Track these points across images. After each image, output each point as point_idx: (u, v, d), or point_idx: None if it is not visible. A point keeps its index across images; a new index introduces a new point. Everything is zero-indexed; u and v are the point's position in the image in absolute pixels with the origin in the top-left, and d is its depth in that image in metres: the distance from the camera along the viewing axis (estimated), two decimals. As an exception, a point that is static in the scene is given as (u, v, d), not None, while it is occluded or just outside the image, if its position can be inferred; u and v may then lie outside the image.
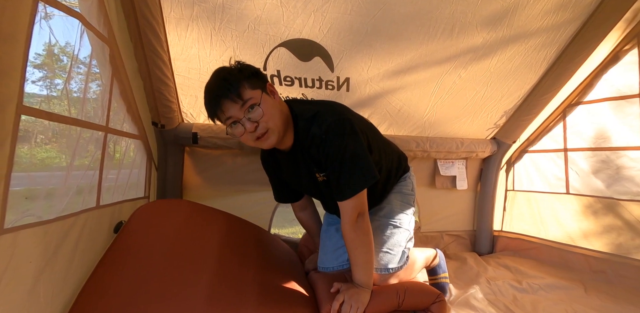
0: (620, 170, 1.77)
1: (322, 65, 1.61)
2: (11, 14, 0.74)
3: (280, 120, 1.10)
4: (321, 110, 1.13)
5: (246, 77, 1.06)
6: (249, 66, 1.12)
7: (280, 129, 1.10)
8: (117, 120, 1.30)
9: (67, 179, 1.03)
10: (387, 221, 1.35)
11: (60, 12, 0.95)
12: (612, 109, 1.82)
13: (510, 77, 1.84)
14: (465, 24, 1.53)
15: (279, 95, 1.16)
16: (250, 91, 1.05)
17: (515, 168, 2.35)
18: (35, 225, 0.88)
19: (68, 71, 1.06)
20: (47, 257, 0.92)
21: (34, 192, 0.93)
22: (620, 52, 1.80)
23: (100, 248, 1.21)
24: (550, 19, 1.58)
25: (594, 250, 1.86)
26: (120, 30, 1.26)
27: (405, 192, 1.43)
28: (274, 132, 1.09)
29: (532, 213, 2.20)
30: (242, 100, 1.04)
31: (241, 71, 1.08)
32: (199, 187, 1.92)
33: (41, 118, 0.91)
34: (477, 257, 2.20)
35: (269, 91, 1.11)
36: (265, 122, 1.06)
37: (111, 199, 1.28)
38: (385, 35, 1.53)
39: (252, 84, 1.06)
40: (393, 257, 1.29)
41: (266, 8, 1.35)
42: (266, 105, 1.06)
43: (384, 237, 1.31)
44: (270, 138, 1.09)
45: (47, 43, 0.97)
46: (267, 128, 1.07)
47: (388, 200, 1.40)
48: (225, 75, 1.06)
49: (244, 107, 1.05)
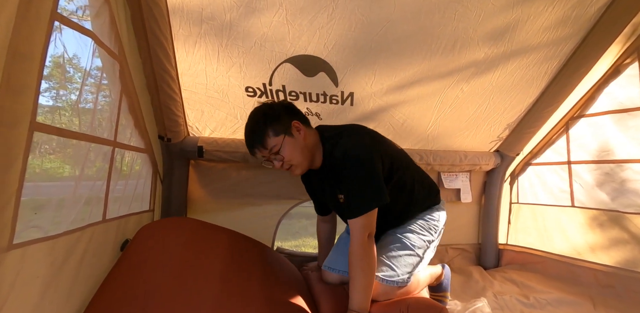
0: (625, 183, 1.77)
1: (327, 80, 1.63)
2: (28, 34, 0.76)
3: (303, 155, 1.28)
4: (344, 134, 1.29)
5: (270, 125, 1.24)
6: (274, 110, 1.29)
7: (303, 162, 1.29)
8: (125, 135, 1.32)
9: (74, 193, 1.04)
10: (400, 238, 1.39)
11: (75, 31, 0.98)
12: (615, 121, 1.83)
13: (512, 91, 1.86)
14: (467, 40, 1.56)
15: (305, 130, 1.30)
16: (274, 139, 1.25)
17: (519, 181, 2.35)
18: (43, 240, 0.89)
19: (80, 87, 1.09)
20: (53, 272, 0.92)
21: (41, 203, 0.94)
22: (620, 65, 1.82)
23: (106, 262, 1.21)
24: (550, 34, 1.61)
25: (601, 264, 1.84)
26: (130, 46, 1.29)
27: (429, 219, 1.46)
28: (297, 167, 1.30)
29: (537, 226, 2.19)
30: (266, 149, 1.26)
31: (266, 118, 1.26)
32: (204, 200, 1.92)
33: (53, 134, 0.92)
34: (482, 271, 2.18)
35: (294, 130, 1.27)
36: (289, 161, 1.27)
37: (117, 213, 1.29)
38: (388, 51, 1.55)
39: (275, 131, 1.25)
40: (395, 273, 1.29)
41: (272, 26, 1.39)
42: (288, 147, 1.25)
43: (392, 251, 1.35)
44: (295, 171, 1.31)
45: (61, 60, 1.00)
46: (290, 164, 1.28)
47: (409, 222, 1.44)
48: (253, 127, 1.28)
49: (270, 152, 1.26)
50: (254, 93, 1.64)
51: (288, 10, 1.35)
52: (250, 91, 1.63)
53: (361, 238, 1.18)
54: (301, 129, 1.28)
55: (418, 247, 1.38)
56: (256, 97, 1.66)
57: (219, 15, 1.33)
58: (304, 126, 1.31)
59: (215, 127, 1.78)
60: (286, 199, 2.03)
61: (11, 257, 0.76)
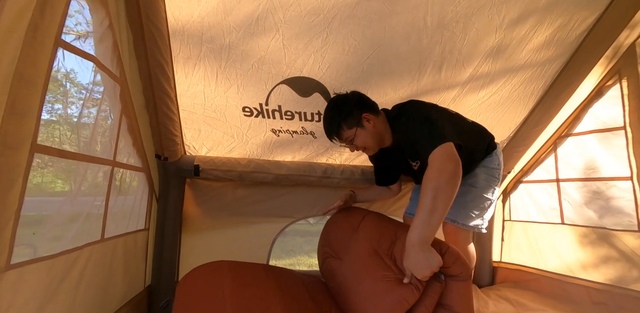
0: (611, 201, 1.81)
1: (321, 100, 1.68)
2: (32, 60, 0.80)
3: (374, 141, 1.44)
4: (405, 108, 1.40)
5: (343, 119, 1.39)
6: (346, 104, 1.41)
7: (374, 146, 1.47)
8: (124, 154, 1.35)
9: (72, 211, 1.06)
10: (471, 188, 1.50)
11: (77, 57, 1.02)
12: (599, 140, 1.89)
13: (500, 110, 1.92)
14: (452, 62, 1.63)
15: (374, 119, 1.42)
16: (347, 131, 1.41)
17: (511, 199, 2.38)
18: (41, 260, 0.89)
19: (81, 108, 1.12)
20: (50, 293, 0.92)
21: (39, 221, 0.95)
22: (603, 87, 1.89)
23: (105, 282, 1.20)
24: (536, 56, 1.68)
25: (593, 281, 1.85)
26: (131, 69, 1.33)
27: (490, 166, 1.55)
28: (369, 149, 1.49)
29: (530, 243, 2.21)
30: (342, 139, 1.44)
31: (340, 112, 1.40)
32: (199, 218, 1.93)
33: (53, 155, 0.94)
34: (477, 290, 2.18)
35: (365, 122, 1.41)
36: (362, 147, 1.46)
37: (115, 232, 1.29)
38: (379, 73, 1.62)
39: (348, 124, 1.40)
40: (482, 222, 1.51)
41: (270, 49, 1.44)
42: (360, 137, 1.41)
43: (467, 200, 1.49)
44: (368, 152, 1.52)
45: (63, 81, 1.03)
46: (364, 147, 1.47)
47: (475, 173, 1.53)
48: (328, 119, 1.43)
49: (346, 141, 1.44)
50: (251, 113, 1.68)
51: (284, 35, 1.41)
52: (247, 111, 1.67)
53: (441, 165, 1.08)
54: (371, 119, 1.41)
55: (487, 191, 1.51)
56: (252, 117, 1.70)
57: (218, 38, 1.38)
58: (374, 116, 1.42)
59: (212, 146, 1.81)
60: (281, 217, 2.04)
61: (8, 278, 0.77)
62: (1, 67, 0.69)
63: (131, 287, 1.51)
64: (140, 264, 1.62)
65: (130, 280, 1.48)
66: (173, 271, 1.79)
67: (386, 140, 1.49)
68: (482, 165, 1.54)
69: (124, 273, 1.39)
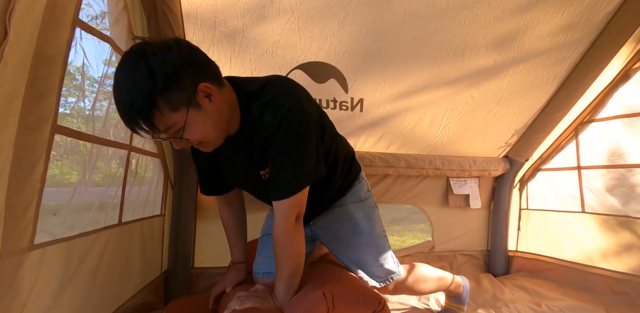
0: (635, 188, 1.76)
1: (337, 86, 1.65)
2: (51, 38, 0.79)
3: (217, 130, 0.92)
4: (271, 90, 0.94)
5: (162, 94, 0.79)
6: (166, 64, 0.79)
7: (217, 138, 0.95)
8: (140, 139, 1.34)
9: (90, 196, 1.06)
10: (356, 237, 1.21)
11: (94, 37, 1.01)
12: (625, 126, 1.83)
13: (522, 96, 1.87)
14: (476, 46, 1.57)
15: (217, 92, 0.89)
16: (172, 116, 0.82)
17: (528, 187, 2.34)
18: (60, 241, 0.90)
19: (97, 91, 1.11)
20: (70, 273, 0.93)
21: (58, 206, 0.95)
22: (630, 70, 1.82)
23: (123, 266, 1.21)
24: (559, 39, 1.62)
25: (614, 270, 1.81)
26: (145, 53, 1.32)
27: (363, 197, 1.26)
28: (210, 144, 0.95)
29: (548, 232, 2.17)
30: (160, 130, 0.84)
31: (155, 81, 0.78)
32: (214, 205, 1.93)
33: (72, 137, 0.94)
34: (492, 278, 2.15)
35: (202, 98, 0.85)
36: (197, 140, 0.90)
37: (132, 216, 1.30)
38: (398, 58, 1.57)
39: (173, 104, 0.81)
40: (396, 269, 1.25)
41: (284, 33, 1.41)
42: (195, 125, 0.86)
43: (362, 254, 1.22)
44: (207, 147, 0.97)
45: (79, 65, 1.03)
46: (199, 142, 0.92)
47: (348, 216, 1.22)
48: (129, 90, 0.79)
49: (168, 132, 0.85)
50: (265, 99, 1.66)
51: (299, 18, 1.38)
52: (261, 97, 1.65)
53: (289, 222, 0.96)
54: (213, 93, 0.87)
55: (377, 226, 1.25)
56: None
57: (232, 21, 1.36)
58: (216, 88, 0.88)
59: (226, 132, 1.80)
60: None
61: (32, 257, 0.77)
62: (21, 44, 0.68)
63: (148, 271, 1.53)
64: (157, 249, 1.63)
65: (147, 264, 1.50)
66: (189, 257, 1.80)
67: (233, 125, 0.97)
68: (351, 201, 1.23)
69: (141, 257, 1.41)
